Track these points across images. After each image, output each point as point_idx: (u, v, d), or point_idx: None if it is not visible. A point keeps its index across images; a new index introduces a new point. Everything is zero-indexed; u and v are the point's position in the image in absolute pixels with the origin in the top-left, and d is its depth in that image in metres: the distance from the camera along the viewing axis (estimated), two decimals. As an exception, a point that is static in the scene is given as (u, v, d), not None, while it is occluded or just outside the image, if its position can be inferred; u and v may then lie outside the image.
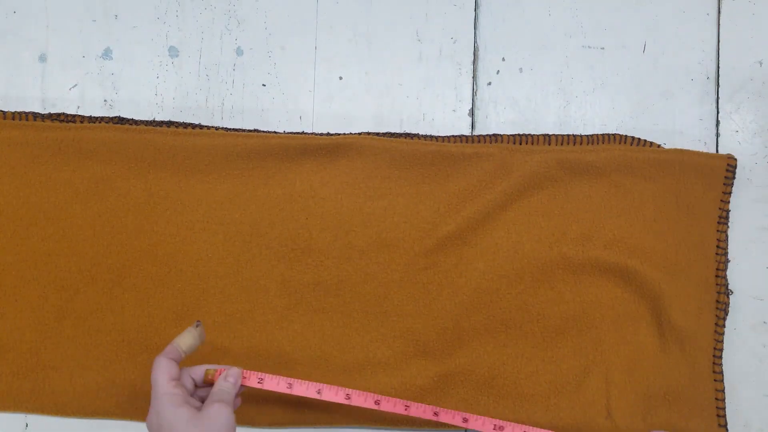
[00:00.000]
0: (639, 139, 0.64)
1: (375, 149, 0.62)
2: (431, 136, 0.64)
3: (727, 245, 0.63)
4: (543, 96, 0.65)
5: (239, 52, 0.65)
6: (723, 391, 0.62)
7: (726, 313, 0.63)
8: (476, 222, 0.62)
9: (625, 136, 0.64)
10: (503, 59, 0.65)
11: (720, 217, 0.63)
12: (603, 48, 0.65)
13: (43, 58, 0.64)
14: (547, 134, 0.64)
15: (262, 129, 0.64)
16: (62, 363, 0.61)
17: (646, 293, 0.62)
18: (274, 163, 0.62)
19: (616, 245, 0.62)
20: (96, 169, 0.62)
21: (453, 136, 0.64)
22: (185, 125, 0.63)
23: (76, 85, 0.64)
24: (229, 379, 0.53)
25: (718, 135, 0.65)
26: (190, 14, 0.65)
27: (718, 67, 0.65)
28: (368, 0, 0.65)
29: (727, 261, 0.64)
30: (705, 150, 0.65)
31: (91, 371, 0.61)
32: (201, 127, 0.63)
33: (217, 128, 0.63)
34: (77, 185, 0.62)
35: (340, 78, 0.65)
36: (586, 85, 0.65)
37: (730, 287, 0.63)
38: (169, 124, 0.63)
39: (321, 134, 0.63)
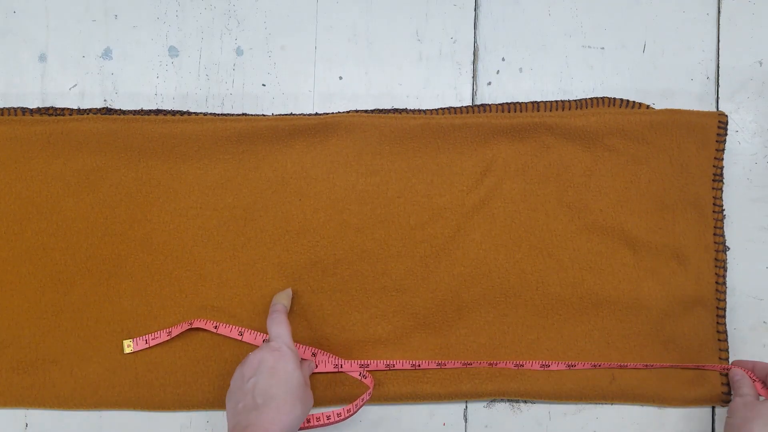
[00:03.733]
0: (628, 101, 0.64)
1: (364, 126, 0.62)
2: (419, 110, 0.64)
3: (723, 202, 0.63)
4: (543, 96, 0.65)
5: (239, 51, 0.65)
6: (727, 350, 0.62)
7: (725, 270, 0.63)
8: (470, 193, 0.63)
9: (614, 98, 0.64)
10: (503, 59, 0.65)
11: (714, 174, 0.63)
12: (603, 48, 0.65)
13: (43, 58, 0.64)
14: (536, 101, 0.64)
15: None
16: (62, 356, 0.61)
17: (645, 255, 0.62)
18: (265, 145, 0.62)
19: (613, 208, 0.62)
20: (86, 161, 0.62)
21: (442, 108, 0.64)
22: (173, 113, 0.63)
23: (76, 84, 0.64)
24: (310, 368, 0.59)
25: (718, 135, 0.65)
26: (190, 14, 0.65)
27: (718, 67, 0.65)
28: (368, 0, 0.65)
29: (724, 218, 0.63)
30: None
31: (91, 363, 0.61)
32: (189, 113, 0.63)
33: (205, 114, 0.63)
34: (68, 178, 0.62)
35: (340, 78, 0.65)
36: (586, 85, 0.65)
37: (726, 244, 0.63)
38: (157, 112, 0.63)
39: (309, 114, 0.63)
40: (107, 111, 0.63)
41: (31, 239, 0.62)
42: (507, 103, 0.64)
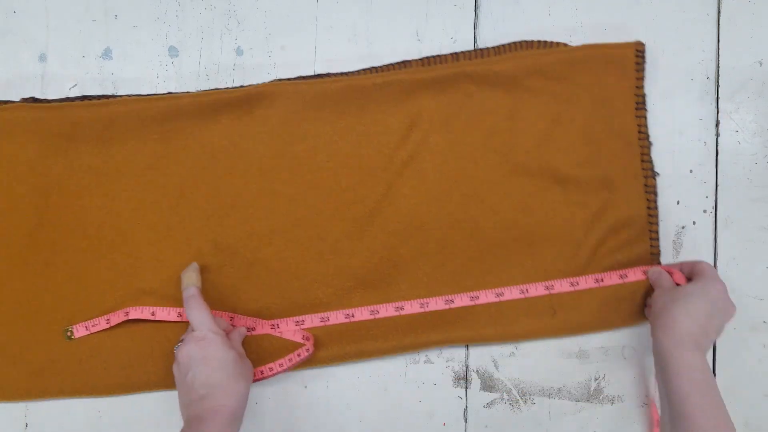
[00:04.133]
0: (546, 41, 0.64)
1: (287, 94, 0.62)
2: (341, 73, 0.63)
3: (648, 129, 0.64)
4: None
5: (239, 51, 0.65)
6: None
7: (656, 195, 0.63)
8: (398, 149, 0.63)
9: (531, 41, 0.64)
10: (503, 59, 0.65)
11: (637, 103, 0.63)
12: (603, 48, 0.65)
13: (43, 58, 0.64)
14: (455, 52, 0.64)
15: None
16: (4, 347, 0.61)
17: (575, 190, 0.63)
18: (191, 122, 0.62)
19: (539, 148, 0.63)
20: (14, 151, 0.62)
21: (363, 69, 0.64)
22: (98, 97, 0.63)
23: (75, 84, 0.64)
24: (241, 334, 0.60)
25: (718, 135, 0.65)
26: (190, 14, 0.65)
27: (718, 67, 0.65)
28: (368, 0, 0.65)
29: (650, 144, 0.64)
30: (705, 149, 0.65)
31: (34, 352, 0.61)
32: (114, 97, 0.63)
33: (130, 96, 0.63)
34: None
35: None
36: (586, 85, 0.65)
37: (656, 170, 0.64)
38: (83, 98, 0.63)
39: (233, 87, 0.63)
40: (33, 100, 0.63)
41: None
42: (426, 57, 0.64)
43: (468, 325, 0.62)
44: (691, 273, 0.60)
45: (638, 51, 0.63)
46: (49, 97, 0.63)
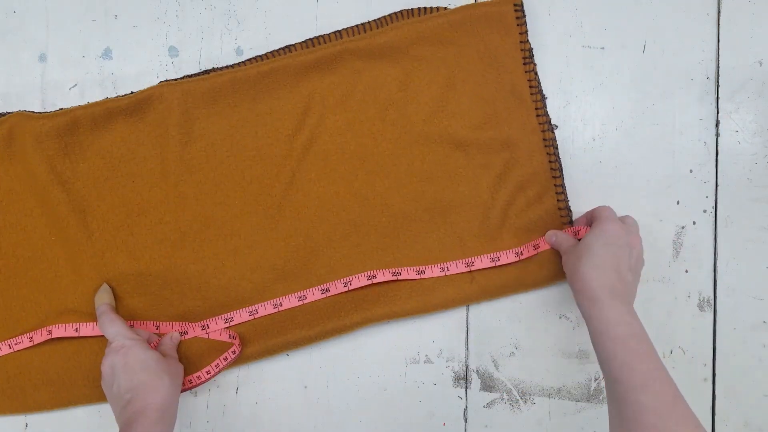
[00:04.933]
0: (426, 7, 0.63)
1: (175, 94, 0.62)
2: (226, 66, 0.63)
3: (539, 82, 0.64)
4: (546, 95, 0.65)
5: (239, 51, 0.65)
6: (571, 223, 0.62)
7: (556, 148, 0.63)
8: (296, 135, 0.63)
9: (411, 9, 0.64)
10: (503, 59, 0.65)
11: (524, 58, 0.63)
12: (603, 48, 0.65)
13: (43, 58, 0.64)
14: (338, 30, 0.63)
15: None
16: None
17: (476, 153, 0.63)
18: (86, 135, 0.62)
19: (435, 116, 0.63)
20: None
21: (247, 59, 0.63)
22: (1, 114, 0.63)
23: (75, 84, 0.64)
24: (174, 339, 0.61)
25: (718, 135, 0.65)
26: (190, 14, 0.65)
27: (718, 67, 0.65)
28: (368, 0, 0.65)
29: (544, 98, 0.64)
30: (705, 149, 0.65)
31: None
32: (5, 114, 0.63)
33: (22, 111, 0.62)
34: None
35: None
36: (586, 85, 0.65)
37: (554, 123, 0.64)
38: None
39: (122, 95, 0.63)
40: None
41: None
42: (310, 39, 0.63)
43: (389, 301, 0.62)
44: (590, 222, 0.59)
45: (516, 5, 0.63)
46: (50, 98, 0.63)
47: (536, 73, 0.63)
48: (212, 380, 0.63)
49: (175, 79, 0.63)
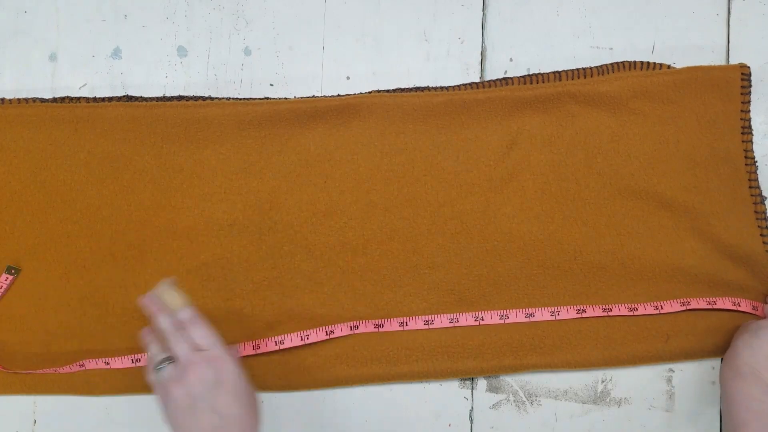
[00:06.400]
0: (649, 62, 0.63)
1: (386, 106, 0.62)
2: (441, 87, 0.63)
3: (754, 154, 0.63)
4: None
5: (247, 51, 0.65)
6: None
7: (766, 221, 0.62)
8: (497, 167, 0.62)
9: (634, 61, 0.63)
10: (511, 59, 0.65)
11: (743, 127, 0.63)
12: (611, 48, 0.65)
13: (53, 58, 0.65)
14: (557, 71, 0.63)
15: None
16: (91, 344, 0.61)
17: (683, 215, 0.61)
18: (287, 129, 0.62)
19: (644, 171, 0.62)
20: (110, 149, 0.62)
21: (463, 84, 0.63)
22: (195, 98, 0.63)
23: (85, 84, 0.65)
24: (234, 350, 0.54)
25: (727, 136, 0.65)
26: (199, 14, 0.65)
27: (728, 67, 0.65)
28: (376, 0, 0.65)
29: (757, 169, 0.63)
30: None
31: (120, 349, 0.61)
32: (211, 99, 0.63)
33: (227, 99, 0.63)
34: (93, 166, 0.62)
35: (348, 78, 0.65)
36: (595, 86, 0.65)
37: (763, 194, 0.63)
38: (180, 98, 0.63)
39: (331, 96, 0.63)
40: (128, 98, 0.63)
41: (56, 227, 0.62)
42: (528, 75, 0.63)
43: (573, 349, 0.60)
44: None
45: (744, 74, 0.62)
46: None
47: (752, 144, 0.63)
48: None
49: (387, 91, 0.63)
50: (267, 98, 0.63)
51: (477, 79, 0.65)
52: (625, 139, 0.62)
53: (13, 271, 0.61)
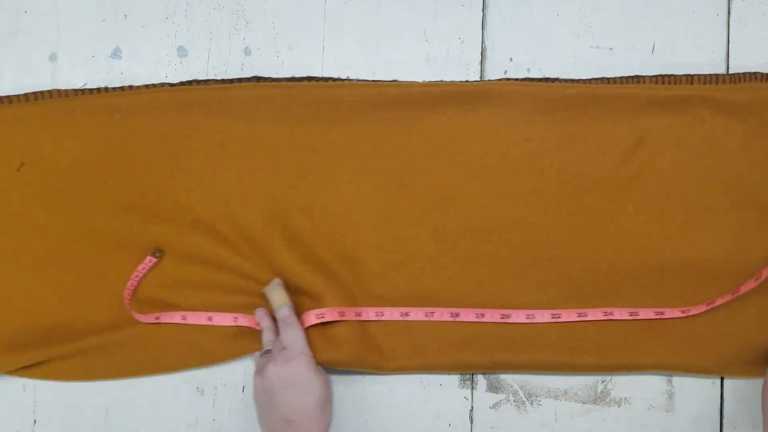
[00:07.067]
0: None
1: (517, 94, 0.61)
2: (571, 80, 0.63)
3: None
4: (551, 96, 0.65)
5: (247, 51, 0.65)
6: None
7: None
8: (624, 165, 0.62)
9: (766, 73, 0.62)
10: (511, 59, 0.65)
11: None
12: (611, 48, 0.65)
13: (53, 58, 0.65)
14: (689, 74, 0.63)
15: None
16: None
17: None
18: (415, 111, 0.62)
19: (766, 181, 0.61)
20: (243, 129, 0.62)
21: (595, 78, 0.63)
22: (326, 79, 0.63)
23: (85, 84, 0.65)
24: None
25: (727, 136, 0.65)
26: (199, 14, 0.65)
27: (728, 68, 0.65)
28: (376, 0, 0.65)
29: None
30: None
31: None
32: (341, 80, 0.63)
33: (359, 80, 0.63)
34: (228, 146, 0.62)
35: (348, 78, 0.65)
36: (595, 86, 0.65)
37: None
38: (309, 79, 0.63)
39: (461, 81, 0.63)
40: (257, 79, 0.63)
41: (200, 212, 0.62)
42: (660, 75, 0.63)
43: (687, 351, 0.61)
44: None
45: None
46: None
47: None
48: (218, 378, 0.63)
49: (517, 79, 0.63)
50: (395, 80, 0.63)
51: (477, 80, 0.65)
52: (754, 150, 0.61)
53: (158, 254, 0.61)
